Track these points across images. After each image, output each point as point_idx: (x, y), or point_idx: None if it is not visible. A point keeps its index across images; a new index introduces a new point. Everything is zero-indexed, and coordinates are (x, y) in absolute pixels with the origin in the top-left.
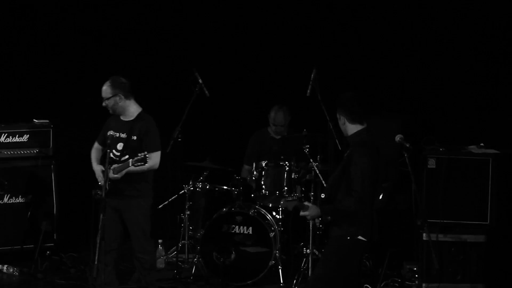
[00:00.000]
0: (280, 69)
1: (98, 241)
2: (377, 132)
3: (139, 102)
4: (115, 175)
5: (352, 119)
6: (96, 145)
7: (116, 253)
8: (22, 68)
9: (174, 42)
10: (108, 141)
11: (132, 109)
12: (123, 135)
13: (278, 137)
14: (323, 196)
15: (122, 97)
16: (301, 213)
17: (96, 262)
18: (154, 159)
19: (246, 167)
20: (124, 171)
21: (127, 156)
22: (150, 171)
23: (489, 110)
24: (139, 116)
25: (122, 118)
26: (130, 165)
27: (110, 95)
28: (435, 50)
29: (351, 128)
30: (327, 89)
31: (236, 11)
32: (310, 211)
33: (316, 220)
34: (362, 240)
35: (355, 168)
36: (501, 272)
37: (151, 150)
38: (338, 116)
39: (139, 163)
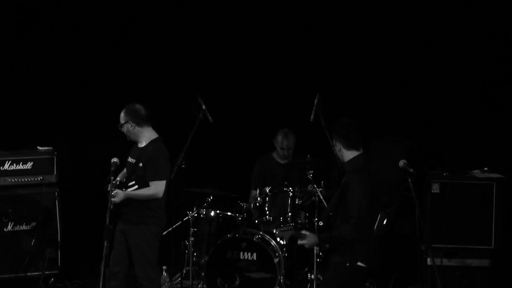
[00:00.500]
0: (283, 94)
1: (102, 268)
2: (381, 157)
3: None
4: (114, 199)
5: (348, 146)
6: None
7: (121, 276)
8: (24, 95)
9: (177, 68)
10: (125, 168)
11: (145, 136)
12: (133, 161)
13: (284, 162)
14: (320, 224)
15: (134, 124)
16: (299, 242)
17: None
18: (156, 187)
19: (253, 192)
20: (122, 196)
21: (133, 182)
22: (155, 199)
23: (493, 135)
24: (150, 143)
25: (138, 144)
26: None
27: (123, 122)
28: (438, 76)
29: (347, 155)
30: (330, 114)
31: (239, 36)
32: (307, 239)
33: (316, 248)
34: (361, 266)
35: (351, 195)
36: None
37: (153, 179)
38: (334, 142)
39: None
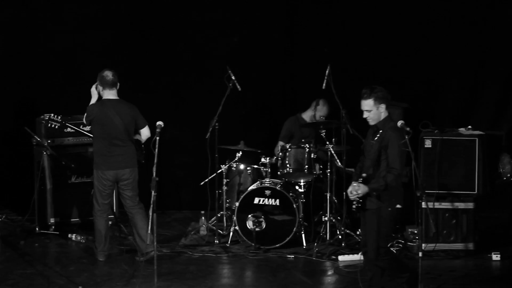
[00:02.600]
0: (297, 66)
1: (150, 213)
2: None
3: (183, 97)
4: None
5: (387, 107)
6: None
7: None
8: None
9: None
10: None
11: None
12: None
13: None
14: (364, 175)
15: (100, 87)
16: (353, 191)
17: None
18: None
19: (280, 143)
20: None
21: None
22: None
23: (475, 99)
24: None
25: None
26: None
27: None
28: (431, 49)
29: (385, 114)
30: (339, 83)
31: (258, 16)
32: (362, 189)
33: (356, 198)
34: (399, 207)
35: (392, 150)
36: (487, 233)
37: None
38: (376, 105)
39: None
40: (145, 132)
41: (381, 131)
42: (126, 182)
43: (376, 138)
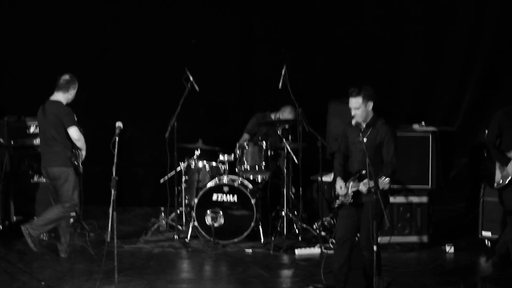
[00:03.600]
0: (253, 65)
1: (110, 212)
2: (338, 116)
3: (142, 98)
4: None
5: (373, 106)
6: None
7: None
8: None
9: (169, 47)
10: None
11: None
12: None
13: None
14: (363, 172)
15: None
16: (359, 188)
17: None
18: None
19: (245, 135)
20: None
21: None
22: None
23: (429, 95)
24: None
25: None
26: None
27: None
28: (388, 45)
29: (371, 112)
30: (295, 82)
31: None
32: (363, 187)
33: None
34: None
35: (389, 146)
36: (441, 225)
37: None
38: (364, 102)
39: None
40: (71, 133)
41: (371, 128)
42: (54, 181)
43: (368, 135)
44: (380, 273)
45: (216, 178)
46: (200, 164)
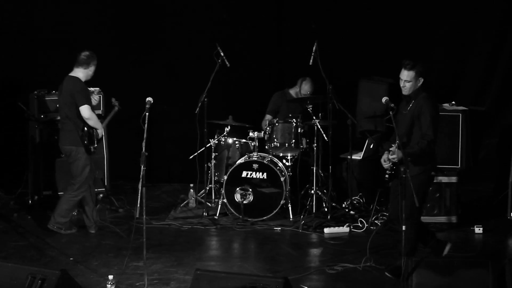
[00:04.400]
0: (286, 42)
1: (139, 187)
2: (368, 94)
3: (173, 73)
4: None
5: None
6: None
7: None
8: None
9: (201, 22)
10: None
11: None
12: None
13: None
14: (398, 143)
15: None
16: (390, 157)
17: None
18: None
19: (267, 116)
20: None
21: None
22: None
23: (459, 75)
24: None
25: None
26: None
27: None
28: (416, 24)
29: (420, 86)
30: (326, 59)
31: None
32: (396, 154)
33: (389, 167)
34: (433, 174)
35: (425, 117)
36: (470, 206)
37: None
38: (415, 77)
39: None
40: (82, 111)
41: (413, 101)
42: (66, 158)
43: (408, 108)
44: (412, 253)
45: (246, 155)
46: (230, 140)
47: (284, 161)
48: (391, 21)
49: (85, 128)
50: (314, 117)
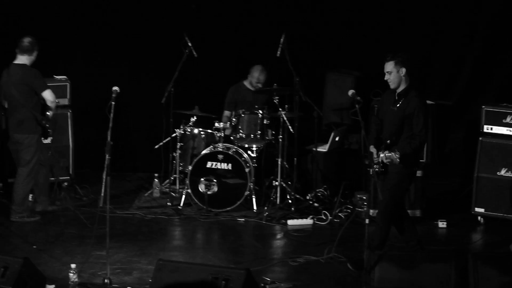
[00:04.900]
0: (253, 33)
1: (104, 177)
2: (335, 86)
3: (140, 63)
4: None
5: (409, 74)
6: None
7: None
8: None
9: (168, 11)
10: None
11: None
12: None
13: (253, 89)
14: (388, 142)
15: None
16: (385, 160)
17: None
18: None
19: (226, 112)
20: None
21: None
22: None
23: (426, 69)
24: None
25: None
26: None
27: None
28: (387, 19)
29: (405, 80)
30: (293, 51)
31: None
32: (393, 160)
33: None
34: (415, 169)
35: (419, 118)
36: (434, 200)
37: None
38: (396, 67)
39: None
40: (46, 96)
41: (403, 98)
42: (17, 145)
43: (398, 105)
44: (380, 247)
45: (211, 145)
46: (196, 131)
47: (249, 152)
48: (360, 12)
49: (47, 113)
50: (280, 109)
